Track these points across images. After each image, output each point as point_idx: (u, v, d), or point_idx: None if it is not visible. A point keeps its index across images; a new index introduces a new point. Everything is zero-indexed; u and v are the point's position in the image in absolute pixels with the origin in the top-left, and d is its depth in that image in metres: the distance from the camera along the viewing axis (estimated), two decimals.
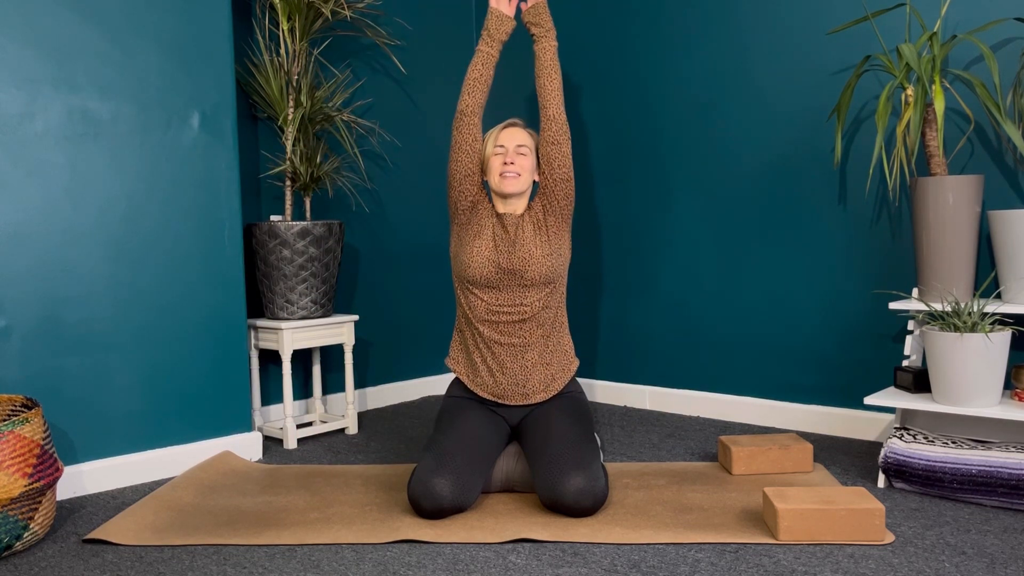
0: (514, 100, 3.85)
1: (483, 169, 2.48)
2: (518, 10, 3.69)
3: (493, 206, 2.49)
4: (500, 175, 2.42)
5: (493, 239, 2.40)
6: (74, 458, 2.48)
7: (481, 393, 2.41)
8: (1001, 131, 2.56)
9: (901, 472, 2.29)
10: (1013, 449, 2.19)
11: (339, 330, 3.12)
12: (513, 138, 2.44)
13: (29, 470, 1.99)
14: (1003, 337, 2.22)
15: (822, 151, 2.94)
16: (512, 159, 2.42)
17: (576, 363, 2.50)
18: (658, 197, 3.37)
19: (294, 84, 3.02)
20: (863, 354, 2.88)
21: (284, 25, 3.00)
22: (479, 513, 2.19)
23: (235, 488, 2.48)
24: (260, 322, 3.01)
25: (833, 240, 2.92)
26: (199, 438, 2.74)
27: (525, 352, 2.39)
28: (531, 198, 3.77)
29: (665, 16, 3.31)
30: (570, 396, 2.45)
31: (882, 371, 2.85)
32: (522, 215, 2.46)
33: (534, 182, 2.57)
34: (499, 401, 2.40)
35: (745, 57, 3.09)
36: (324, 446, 2.98)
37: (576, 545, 1.98)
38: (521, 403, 2.40)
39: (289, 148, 3.04)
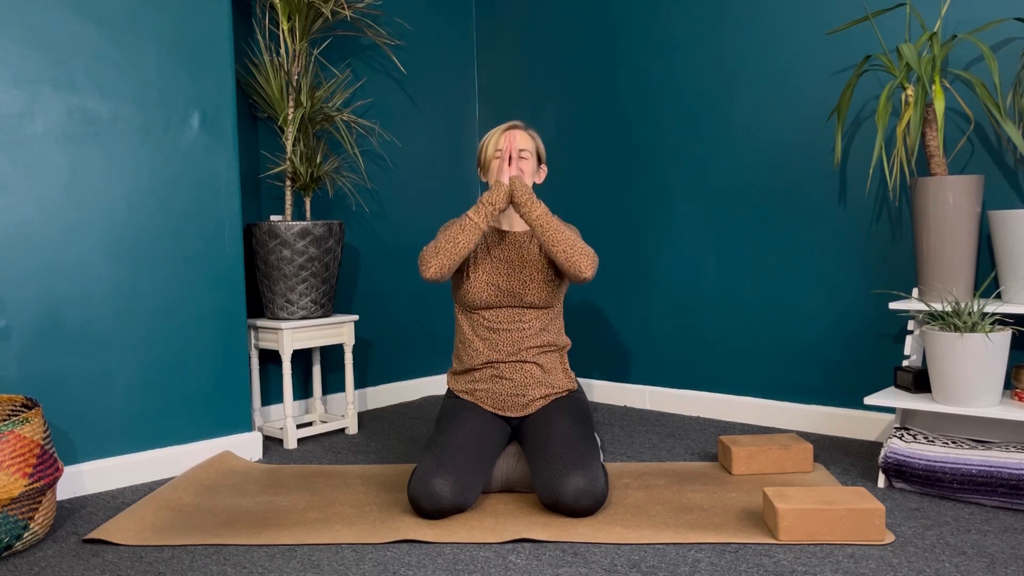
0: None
1: (482, 170, 2.49)
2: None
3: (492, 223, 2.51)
4: (501, 180, 2.42)
5: (491, 260, 2.42)
6: (74, 458, 2.48)
7: (482, 406, 2.41)
8: (1001, 131, 2.56)
9: (901, 472, 2.29)
10: (1013, 449, 2.19)
11: (339, 330, 3.12)
12: (514, 142, 2.44)
13: (29, 470, 2.00)
14: (1003, 337, 2.22)
15: (822, 151, 2.94)
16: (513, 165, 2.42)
17: (576, 386, 2.51)
18: (658, 197, 3.37)
19: (294, 84, 3.02)
20: (863, 354, 2.88)
21: (284, 25, 3.00)
22: (479, 513, 2.19)
23: (235, 488, 2.48)
24: (260, 322, 3.02)
25: (833, 240, 2.92)
26: (199, 438, 2.74)
27: (523, 365, 2.40)
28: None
29: (665, 15, 3.31)
30: (570, 397, 2.45)
31: (882, 371, 2.85)
32: (528, 232, 2.48)
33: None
34: (499, 413, 2.41)
35: (745, 57, 3.09)
36: (324, 446, 2.98)
37: (576, 545, 1.98)
38: (520, 414, 2.41)
39: (289, 148, 3.04)
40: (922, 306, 2.45)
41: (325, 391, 3.45)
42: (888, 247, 2.80)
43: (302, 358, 3.37)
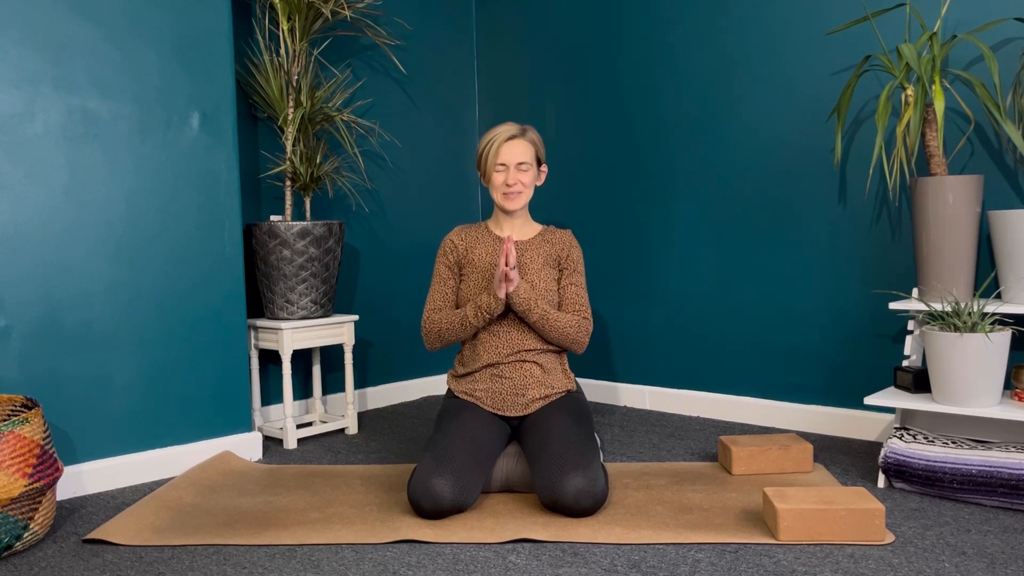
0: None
1: (483, 176, 2.49)
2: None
3: (491, 227, 2.51)
4: (504, 195, 2.44)
5: (492, 266, 2.42)
6: (74, 458, 2.48)
7: (481, 406, 2.42)
8: (1001, 131, 2.56)
9: (901, 472, 2.29)
10: (1013, 449, 2.19)
11: (339, 330, 3.12)
12: (514, 155, 2.43)
13: (29, 470, 1.99)
14: (1003, 337, 2.22)
15: (822, 151, 2.94)
16: (514, 180, 2.42)
17: (576, 386, 2.52)
18: (658, 197, 3.37)
19: (294, 84, 3.02)
20: (863, 354, 2.88)
21: (284, 25, 3.00)
22: (479, 513, 2.19)
23: (235, 488, 2.48)
24: (260, 322, 3.02)
25: (833, 240, 2.92)
26: (199, 438, 2.74)
27: (523, 365, 2.40)
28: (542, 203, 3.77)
29: (665, 15, 3.31)
30: (570, 397, 2.45)
31: (882, 371, 2.85)
32: (532, 240, 2.48)
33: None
34: (499, 413, 2.41)
35: (745, 57, 3.09)
36: (324, 446, 2.98)
37: (576, 545, 1.98)
38: (520, 413, 2.41)
39: (289, 148, 3.04)
40: (922, 306, 2.45)
41: (325, 391, 3.45)
42: (888, 247, 2.80)
43: (302, 358, 3.37)
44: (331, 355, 3.47)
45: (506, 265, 2.25)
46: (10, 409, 2.23)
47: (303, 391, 3.38)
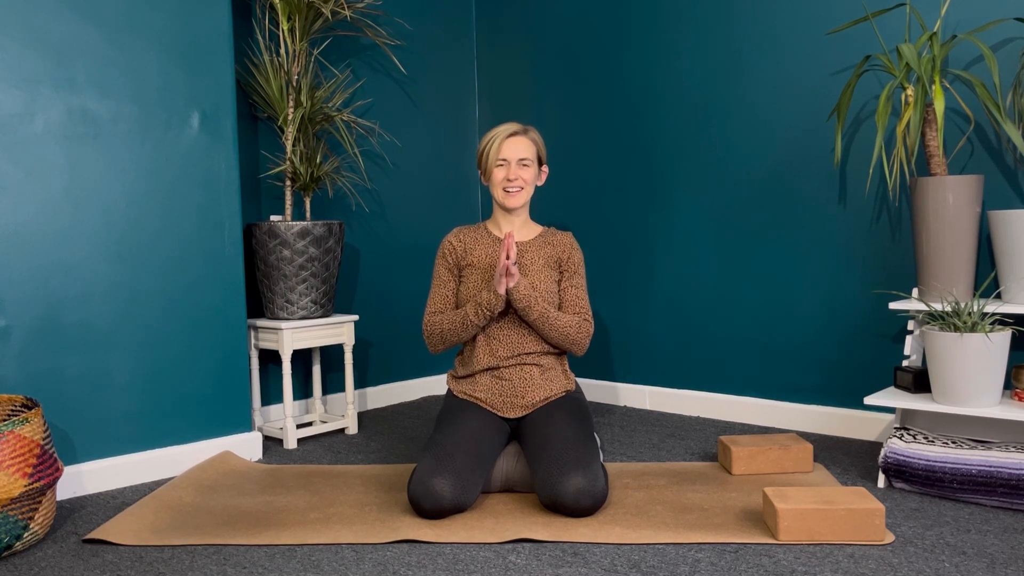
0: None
1: (483, 175, 2.49)
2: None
3: (490, 228, 2.51)
4: (504, 191, 2.43)
5: (492, 268, 2.42)
6: (74, 458, 2.48)
7: (482, 406, 2.42)
8: (1001, 131, 2.56)
9: (901, 472, 2.29)
10: (1013, 449, 2.19)
11: (339, 330, 3.12)
12: (515, 151, 2.43)
13: (29, 470, 2.00)
14: (1003, 337, 2.22)
15: (822, 151, 2.94)
16: (515, 175, 2.42)
17: (575, 386, 2.52)
18: (658, 197, 3.37)
19: (294, 84, 3.02)
20: (863, 354, 2.88)
21: (284, 25, 3.00)
22: (479, 513, 2.19)
23: (235, 488, 2.48)
24: (260, 322, 3.02)
25: (833, 240, 2.92)
26: (199, 438, 2.74)
27: (523, 366, 2.40)
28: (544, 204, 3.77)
29: (664, 15, 3.31)
30: (569, 397, 2.45)
31: (882, 371, 2.85)
32: (533, 241, 2.48)
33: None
34: (499, 414, 2.41)
35: (745, 57, 3.09)
36: (324, 446, 2.98)
37: (576, 545, 1.98)
38: (519, 414, 2.41)
39: (289, 148, 3.04)
40: (922, 306, 2.45)
41: (325, 391, 3.45)
42: (888, 247, 2.81)
43: (302, 358, 3.37)
44: (331, 355, 3.47)
45: (507, 259, 2.25)
46: (10, 409, 2.23)
47: (303, 391, 3.38)
